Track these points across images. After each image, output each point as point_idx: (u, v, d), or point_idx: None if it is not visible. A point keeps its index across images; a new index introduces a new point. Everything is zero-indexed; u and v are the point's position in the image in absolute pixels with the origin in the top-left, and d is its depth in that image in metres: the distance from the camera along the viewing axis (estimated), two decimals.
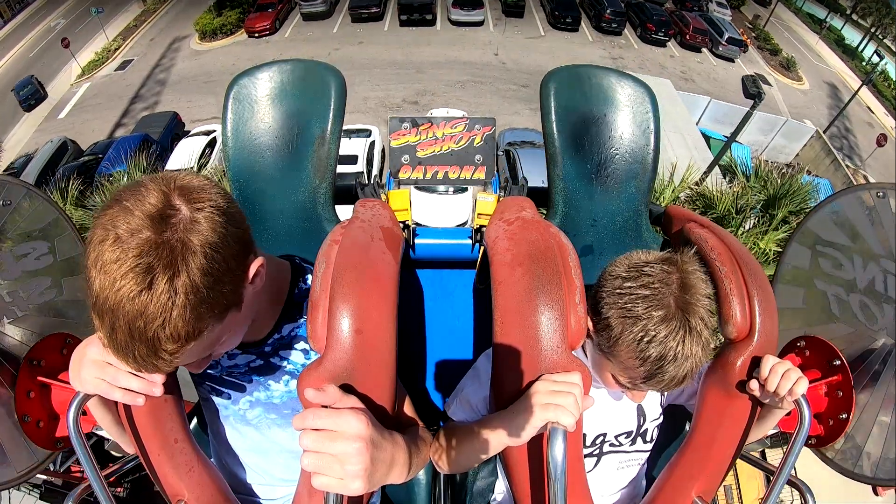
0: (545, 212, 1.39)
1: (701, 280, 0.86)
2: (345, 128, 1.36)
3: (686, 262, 0.86)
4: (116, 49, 19.13)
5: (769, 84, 19.14)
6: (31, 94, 16.39)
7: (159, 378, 0.78)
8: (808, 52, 23.89)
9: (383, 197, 1.26)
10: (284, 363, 0.93)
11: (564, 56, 18.11)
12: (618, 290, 0.87)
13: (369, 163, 10.78)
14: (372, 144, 11.14)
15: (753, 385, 0.89)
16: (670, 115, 12.46)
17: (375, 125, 11.99)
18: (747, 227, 5.39)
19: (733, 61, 20.33)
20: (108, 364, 0.76)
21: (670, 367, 0.83)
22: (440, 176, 1.28)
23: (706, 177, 7.78)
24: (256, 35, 19.18)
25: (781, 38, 23.50)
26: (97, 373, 0.77)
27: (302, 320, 0.92)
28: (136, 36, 20.24)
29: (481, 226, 1.25)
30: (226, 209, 0.68)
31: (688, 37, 20.19)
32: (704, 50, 20.47)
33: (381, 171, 11.47)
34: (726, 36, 20.21)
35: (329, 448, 0.65)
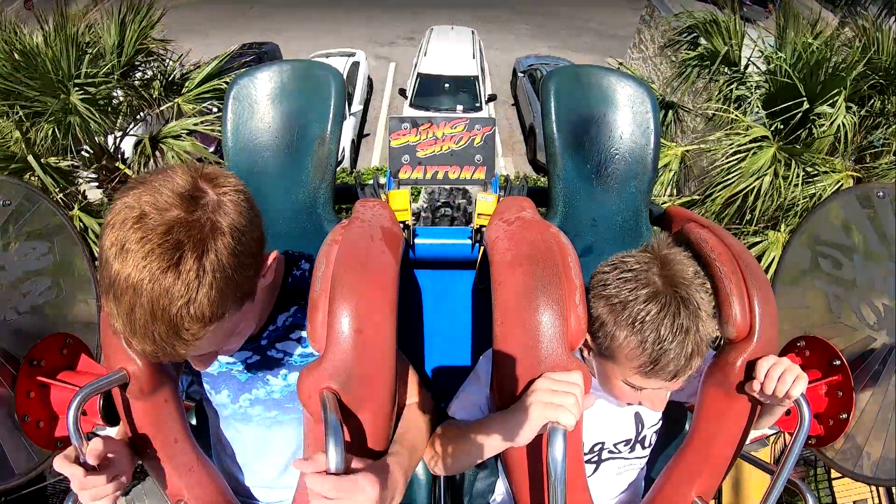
0: (545, 212, 1.39)
1: (682, 256, 0.86)
2: (325, 51, 1.34)
3: (662, 244, 0.87)
4: None
5: None
6: None
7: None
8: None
9: (383, 197, 1.27)
10: (281, 355, 0.93)
11: None
12: (601, 284, 0.88)
13: (351, 85, 9.16)
14: (356, 65, 9.49)
15: (753, 386, 0.89)
16: None
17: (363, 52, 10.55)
18: None
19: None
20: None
21: (672, 346, 0.80)
22: (440, 176, 1.29)
23: None
24: None
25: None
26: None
27: (294, 307, 0.92)
28: None
29: (481, 226, 1.25)
30: (247, 195, 0.71)
31: None
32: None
33: (365, 101, 9.89)
34: None
35: None
